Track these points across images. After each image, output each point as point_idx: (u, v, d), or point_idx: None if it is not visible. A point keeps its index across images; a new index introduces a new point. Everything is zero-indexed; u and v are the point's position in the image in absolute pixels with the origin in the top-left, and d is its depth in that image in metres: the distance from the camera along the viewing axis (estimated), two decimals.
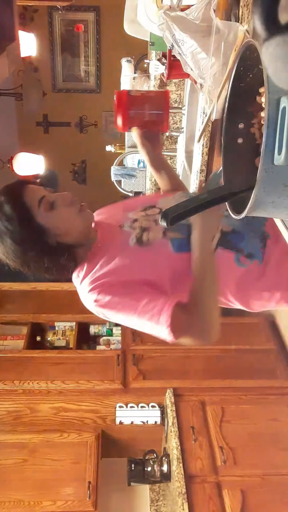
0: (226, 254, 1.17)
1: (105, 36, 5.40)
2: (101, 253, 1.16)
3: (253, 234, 1.20)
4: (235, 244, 1.18)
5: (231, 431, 2.48)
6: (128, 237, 1.17)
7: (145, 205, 1.27)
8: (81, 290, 1.15)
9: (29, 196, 1.13)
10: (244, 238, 1.19)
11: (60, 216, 1.13)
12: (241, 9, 1.24)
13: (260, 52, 0.64)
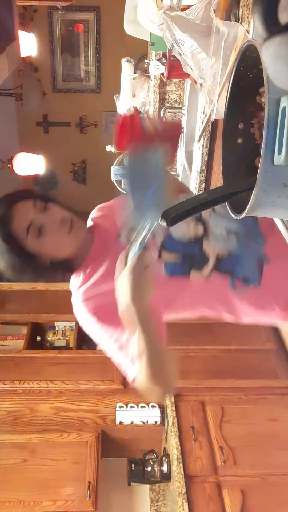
0: (220, 278, 1.14)
1: (105, 36, 5.40)
2: (96, 264, 1.14)
3: (250, 258, 1.16)
4: (231, 269, 1.14)
5: (231, 431, 2.48)
6: (123, 248, 1.14)
7: None
8: (75, 297, 1.14)
9: (16, 222, 1.08)
10: (240, 262, 1.15)
11: (50, 241, 1.09)
12: (241, 9, 1.24)
13: (260, 52, 0.64)
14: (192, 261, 1.13)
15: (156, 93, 2.79)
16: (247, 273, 1.15)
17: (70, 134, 5.97)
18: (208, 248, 1.13)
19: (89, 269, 1.14)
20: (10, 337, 3.24)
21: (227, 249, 1.14)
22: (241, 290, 1.14)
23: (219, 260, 1.13)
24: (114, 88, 3.52)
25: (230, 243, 1.14)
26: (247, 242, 1.14)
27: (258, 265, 1.16)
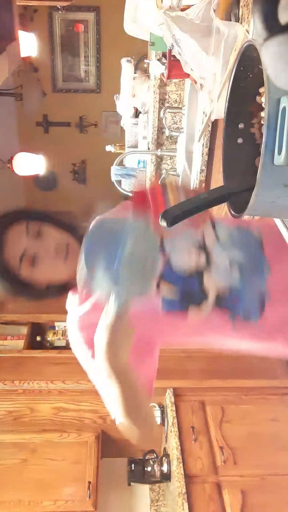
0: (220, 314, 1.08)
1: (105, 36, 5.40)
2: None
3: (251, 294, 1.10)
4: (231, 305, 1.08)
5: (231, 431, 2.48)
6: None
7: None
8: (70, 320, 1.10)
9: (8, 251, 1.03)
10: (241, 301, 1.09)
11: (45, 269, 1.04)
12: (241, 9, 1.24)
13: (260, 52, 0.64)
14: (191, 298, 1.07)
15: (156, 93, 2.79)
16: (247, 310, 1.10)
17: (70, 134, 5.97)
18: (208, 283, 1.07)
19: (84, 291, 1.08)
20: (10, 337, 3.24)
21: (229, 284, 1.08)
22: (241, 325, 1.09)
23: (219, 297, 1.08)
24: (114, 88, 3.52)
25: (232, 277, 1.08)
26: (250, 276, 1.09)
27: (259, 301, 1.11)
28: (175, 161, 3.00)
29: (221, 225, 1.15)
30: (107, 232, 0.88)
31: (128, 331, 0.87)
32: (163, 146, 3.00)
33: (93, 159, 6.01)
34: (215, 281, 1.07)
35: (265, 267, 1.11)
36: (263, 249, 1.14)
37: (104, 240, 0.86)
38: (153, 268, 0.85)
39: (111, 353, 0.86)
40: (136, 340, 0.91)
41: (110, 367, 0.88)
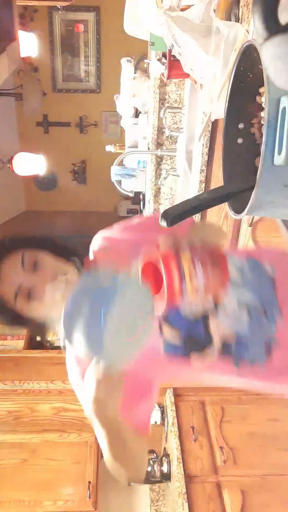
0: (224, 359, 1.02)
1: (105, 36, 5.40)
2: None
3: (259, 342, 1.04)
4: (236, 352, 1.02)
5: (231, 431, 2.48)
6: None
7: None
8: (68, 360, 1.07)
9: (4, 284, 0.97)
10: (248, 347, 1.03)
11: (41, 306, 0.97)
12: (241, 9, 1.24)
13: (260, 52, 0.64)
14: (195, 344, 1.01)
15: (156, 93, 2.79)
16: (254, 354, 1.03)
17: (70, 134, 5.97)
18: (214, 328, 1.00)
19: None
20: (10, 337, 3.24)
21: (236, 330, 1.01)
22: (246, 368, 1.04)
23: (224, 343, 1.01)
24: (114, 88, 3.53)
25: (240, 321, 1.01)
26: (259, 319, 1.02)
27: (266, 345, 1.04)
28: (175, 161, 3.00)
29: (231, 259, 1.06)
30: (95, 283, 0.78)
31: (117, 383, 0.82)
32: (163, 146, 3.00)
33: (93, 159, 6.01)
34: (221, 326, 1.00)
35: (275, 309, 1.04)
36: (275, 288, 1.06)
37: (90, 293, 0.77)
38: (142, 338, 0.78)
39: (98, 408, 0.82)
40: (133, 380, 0.87)
41: (97, 420, 0.84)
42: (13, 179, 5.04)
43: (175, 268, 0.81)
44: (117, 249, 1.13)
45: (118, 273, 0.81)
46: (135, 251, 1.03)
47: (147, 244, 1.04)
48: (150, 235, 1.06)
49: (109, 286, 0.76)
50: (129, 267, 1.01)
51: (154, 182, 3.06)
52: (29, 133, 5.78)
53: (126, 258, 1.05)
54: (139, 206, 4.47)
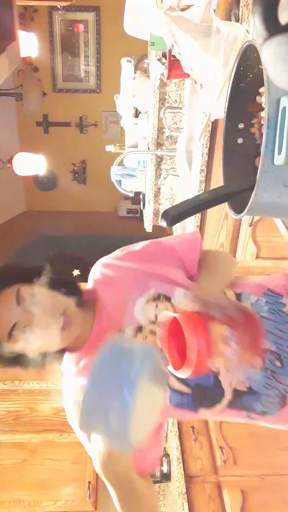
0: (234, 412, 0.97)
1: (105, 36, 5.40)
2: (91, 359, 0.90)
3: (272, 392, 0.96)
4: (248, 405, 0.96)
5: (231, 431, 2.47)
6: None
7: (160, 288, 0.99)
8: (65, 387, 1.02)
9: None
10: (261, 398, 0.96)
11: (35, 342, 0.90)
12: (241, 9, 1.24)
13: (260, 52, 0.64)
14: (203, 396, 0.94)
15: (156, 93, 2.79)
16: (266, 407, 0.97)
17: (70, 134, 5.97)
18: (225, 379, 0.92)
19: (83, 362, 0.98)
20: None
21: (248, 384, 0.93)
22: (256, 418, 1.00)
23: (237, 396, 0.94)
24: (114, 88, 3.53)
25: (254, 371, 0.93)
26: (274, 369, 0.94)
27: (280, 398, 0.97)
28: (175, 161, 3.00)
29: (245, 297, 1.00)
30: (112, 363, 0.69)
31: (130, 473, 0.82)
32: (163, 146, 3.00)
33: (93, 159, 6.01)
34: (234, 378, 0.93)
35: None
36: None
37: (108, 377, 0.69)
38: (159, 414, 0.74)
39: (107, 466, 0.80)
40: None
41: (107, 478, 0.83)
42: (13, 179, 5.04)
43: (204, 333, 0.73)
44: (118, 281, 1.03)
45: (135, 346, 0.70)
46: (140, 284, 0.98)
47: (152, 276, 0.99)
48: (157, 266, 1.02)
49: (127, 366, 0.67)
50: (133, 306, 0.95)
51: (154, 182, 3.06)
52: (29, 133, 5.78)
53: (128, 292, 0.98)
54: (139, 206, 4.47)
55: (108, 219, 6.02)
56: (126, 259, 1.07)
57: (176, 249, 1.08)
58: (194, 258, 1.09)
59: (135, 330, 0.95)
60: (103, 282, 1.04)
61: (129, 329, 0.95)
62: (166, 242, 1.12)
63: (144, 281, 1.00)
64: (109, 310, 0.99)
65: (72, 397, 1.01)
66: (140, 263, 1.05)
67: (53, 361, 0.99)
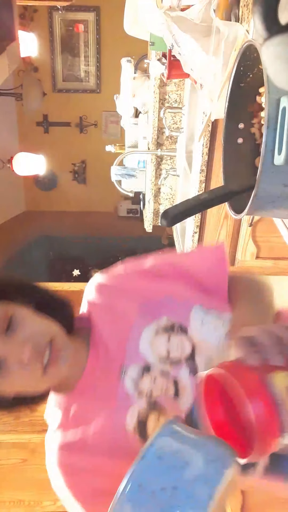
0: (270, 477, 0.72)
1: (105, 36, 5.41)
2: (86, 402, 0.76)
3: None
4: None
5: None
6: (126, 407, 0.73)
7: (175, 315, 0.79)
8: (49, 444, 0.78)
9: None
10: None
11: (12, 382, 0.71)
12: (241, 9, 1.24)
13: (260, 52, 0.64)
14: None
15: (156, 93, 2.79)
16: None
17: (70, 134, 5.97)
18: None
19: (73, 409, 0.77)
20: None
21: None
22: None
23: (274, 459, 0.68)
24: (114, 88, 3.53)
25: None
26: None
27: None
28: (175, 161, 3.00)
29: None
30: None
31: None
32: (163, 146, 3.00)
33: (93, 159, 6.01)
34: None
35: None
36: None
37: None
38: None
39: None
40: None
41: None
42: (13, 179, 5.04)
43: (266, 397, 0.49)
44: (120, 304, 0.83)
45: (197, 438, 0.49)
46: (147, 309, 0.80)
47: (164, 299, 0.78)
48: (171, 287, 0.83)
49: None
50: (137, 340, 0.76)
51: (154, 182, 3.07)
52: (29, 133, 5.79)
53: (132, 319, 0.79)
54: (139, 206, 4.47)
55: (108, 219, 6.02)
56: (132, 278, 0.87)
57: (196, 272, 0.87)
58: (221, 285, 0.86)
59: (141, 370, 0.75)
60: (100, 306, 0.84)
61: (133, 368, 0.75)
62: (181, 262, 0.90)
63: (153, 305, 0.80)
64: (107, 342, 0.79)
65: (61, 460, 0.74)
66: (147, 282, 0.85)
67: (32, 406, 0.80)
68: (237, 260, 2.19)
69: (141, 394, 0.73)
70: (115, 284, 0.86)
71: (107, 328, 0.80)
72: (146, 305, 0.80)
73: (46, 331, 0.73)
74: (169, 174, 3.01)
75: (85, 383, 0.77)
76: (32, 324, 0.72)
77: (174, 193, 3.14)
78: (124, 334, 0.78)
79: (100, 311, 0.84)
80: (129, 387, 0.74)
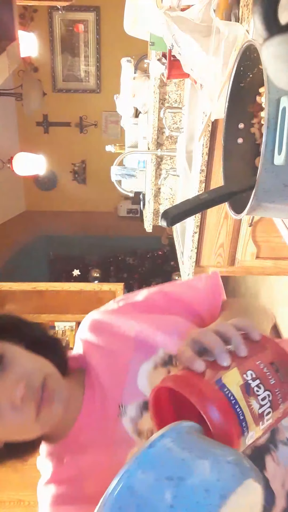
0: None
1: (105, 36, 5.41)
2: (80, 455, 0.71)
3: None
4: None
5: None
6: (125, 451, 0.66)
7: (172, 346, 0.75)
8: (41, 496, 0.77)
9: None
10: None
11: (4, 425, 0.67)
12: (241, 9, 1.24)
13: (260, 52, 0.64)
14: None
15: (156, 93, 2.79)
16: None
17: (70, 134, 5.98)
18: (274, 477, 0.63)
19: (66, 458, 0.73)
20: None
21: None
22: None
23: None
24: (114, 88, 3.53)
25: None
26: None
27: None
28: (175, 161, 3.00)
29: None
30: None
31: None
32: (163, 146, 3.00)
33: (93, 159, 6.01)
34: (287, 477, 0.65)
35: None
36: None
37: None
38: None
39: None
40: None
41: None
42: (13, 179, 5.04)
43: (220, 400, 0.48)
44: (115, 341, 0.78)
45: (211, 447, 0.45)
46: (144, 343, 0.75)
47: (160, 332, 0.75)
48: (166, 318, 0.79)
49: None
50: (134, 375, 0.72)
51: (154, 182, 3.07)
52: (29, 133, 5.79)
53: (129, 355, 0.74)
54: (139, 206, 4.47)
55: (108, 219, 6.03)
56: (125, 312, 0.83)
57: (189, 301, 0.85)
58: (215, 312, 0.85)
59: (139, 408, 0.70)
60: (95, 344, 0.79)
61: (132, 406, 0.70)
62: (174, 292, 0.87)
63: (150, 339, 0.75)
64: (104, 382, 0.73)
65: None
66: (141, 315, 0.82)
67: (24, 457, 0.77)
68: (237, 260, 2.19)
69: (141, 435, 0.68)
70: (108, 320, 0.81)
71: (103, 367, 0.75)
72: (142, 338, 0.76)
73: (39, 370, 0.68)
74: (169, 174, 3.01)
75: (80, 428, 0.71)
76: (24, 362, 0.67)
77: (174, 193, 3.14)
78: (121, 371, 0.73)
79: (94, 350, 0.78)
80: (128, 428, 0.68)
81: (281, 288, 3.16)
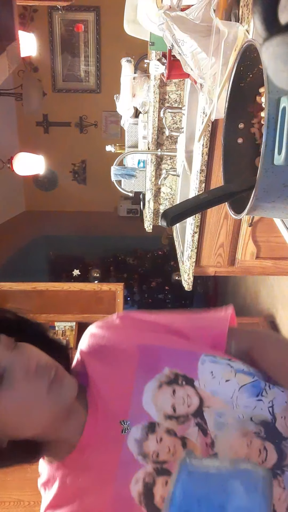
0: None
1: (105, 36, 5.41)
2: (79, 473, 0.69)
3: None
4: None
5: None
6: (130, 473, 0.65)
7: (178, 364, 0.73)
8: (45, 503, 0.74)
9: None
10: None
11: (15, 396, 0.64)
12: (241, 9, 1.24)
13: (260, 52, 0.64)
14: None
15: (156, 93, 2.79)
16: None
17: (70, 134, 5.98)
18: (281, 505, 0.64)
19: (69, 480, 0.70)
20: None
21: None
22: None
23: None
24: (114, 88, 3.52)
25: None
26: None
27: None
28: (175, 161, 3.00)
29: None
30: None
31: None
32: (163, 146, 3.00)
33: (93, 159, 6.01)
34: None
35: None
36: None
37: None
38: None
39: None
40: None
41: None
42: (13, 179, 5.04)
43: None
44: (117, 356, 0.76)
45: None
46: (148, 360, 0.73)
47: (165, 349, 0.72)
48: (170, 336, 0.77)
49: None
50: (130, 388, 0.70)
51: (154, 182, 3.07)
52: (29, 133, 5.79)
53: (133, 372, 0.72)
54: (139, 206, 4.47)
55: (108, 219, 6.02)
56: (127, 326, 0.81)
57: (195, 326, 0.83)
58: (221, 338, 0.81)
59: (145, 429, 0.68)
60: (97, 359, 0.77)
61: (137, 428, 0.68)
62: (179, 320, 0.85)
63: (154, 356, 0.73)
64: (107, 400, 0.71)
65: None
66: (146, 332, 0.79)
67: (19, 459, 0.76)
68: (237, 260, 2.19)
69: (146, 457, 0.65)
70: (111, 334, 0.80)
71: (105, 384, 0.73)
72: (147, 356, 0.73)
73: (51, 360, 0.69)
74: (169, 174, 3.01)
75: (83, 448, 0.69)
76: (37, 350, 0.69)
77: (174, 193, 3.14)
78: (125, 390, 0.71)
79: (97, 365, 0.76)
80: (133, 450, 0.66)
81: (281, 288, 3.16)
